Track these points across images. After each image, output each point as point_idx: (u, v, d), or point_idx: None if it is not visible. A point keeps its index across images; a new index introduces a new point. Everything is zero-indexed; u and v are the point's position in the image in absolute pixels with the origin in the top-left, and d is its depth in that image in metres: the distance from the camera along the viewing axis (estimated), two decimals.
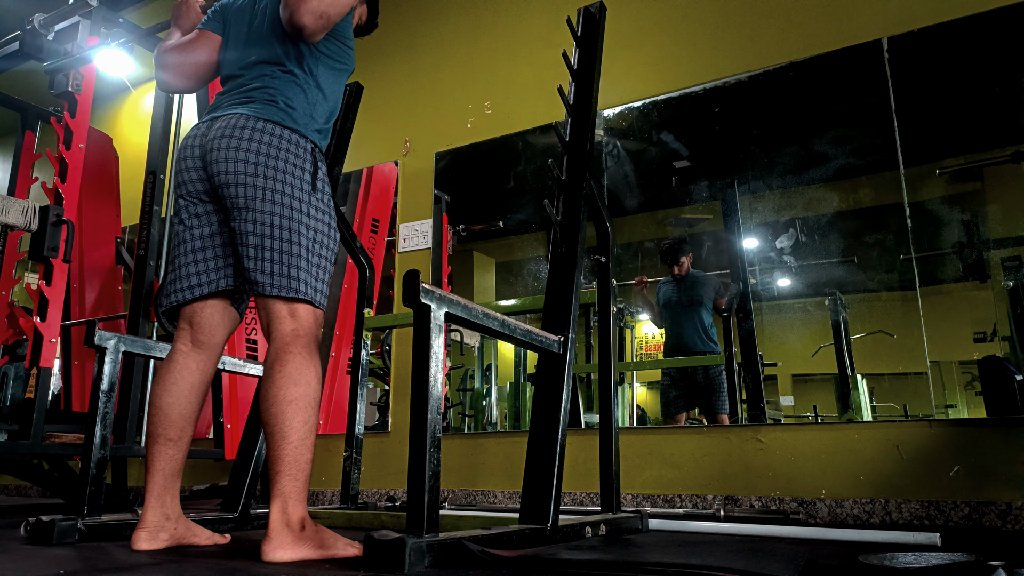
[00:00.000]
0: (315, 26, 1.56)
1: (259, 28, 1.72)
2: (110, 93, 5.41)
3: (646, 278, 3.27)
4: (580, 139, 2.10)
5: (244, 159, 1.55)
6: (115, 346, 1.93)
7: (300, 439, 1.45)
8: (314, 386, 1.49)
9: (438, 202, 3.71)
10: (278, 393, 1.46)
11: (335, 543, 1.46)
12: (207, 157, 1.60)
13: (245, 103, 1.63)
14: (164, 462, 1.61)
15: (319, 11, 1.55)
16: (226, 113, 1.63)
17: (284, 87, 1.65)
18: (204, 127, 1.65)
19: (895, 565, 1.31)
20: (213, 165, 1.58)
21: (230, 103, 1.66)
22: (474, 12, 3.85)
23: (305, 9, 1.54)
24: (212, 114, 1.67)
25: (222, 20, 1.81)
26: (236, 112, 1.61)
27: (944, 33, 2.62)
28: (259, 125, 1.58)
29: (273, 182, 1.55)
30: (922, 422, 2.41)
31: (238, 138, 1.57)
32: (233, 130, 1.58)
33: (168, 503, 1.62)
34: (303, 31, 1.56)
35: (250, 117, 1.59)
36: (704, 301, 3.11)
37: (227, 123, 1.60)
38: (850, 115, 2.76)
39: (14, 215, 2.90)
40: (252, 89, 1.66)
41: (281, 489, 1.44)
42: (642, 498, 2.77)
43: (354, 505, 2.59)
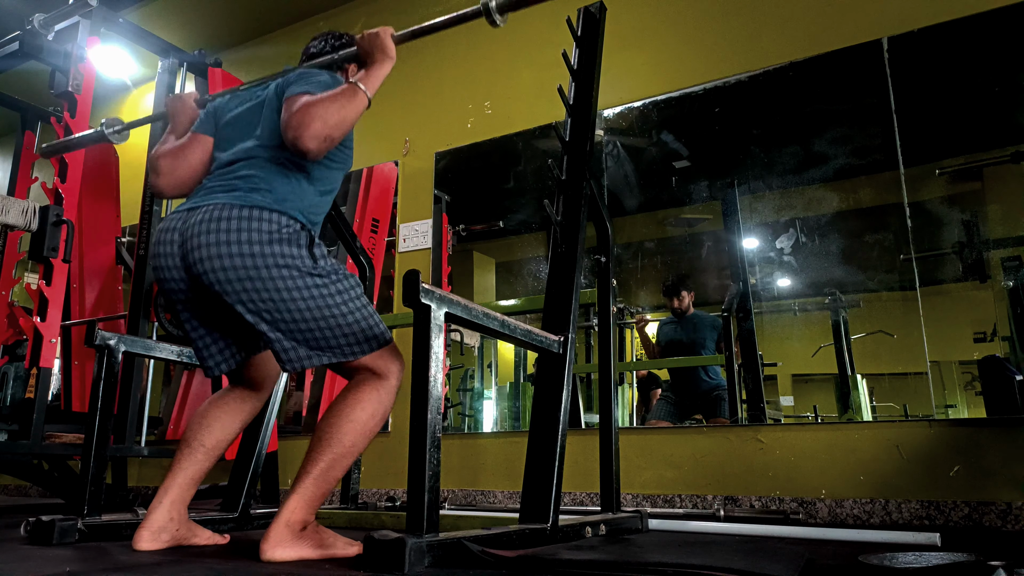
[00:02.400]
0: (319, 149, 1.49)
1: (253, 127, 1.66)
2: (110, 93, 5.40)
3: (645, 316, 3.25)
4: (580, 139, 2.10)
5: (231, 257, 1.45)
6: (115, 346, 1.93)
7: (341, 455, 1.47)
8: (377, 420, 1.52)
9: (438, 202, 3.71)
10: (344, 409, 1.49)
11: (335, 543, 1.47)
12: (189, 256, 1.50)
13: (227, 191, 1.54)
14: (192, 466, 1.66)
15: (323, 135, 1.48)
16: (205, 203, 1.52)
17: (271, 177, 1.56)
18: (179, 219, 1.55)
19: (895, 565, 1.31)
20: (197, 265, 1.48)
21: (209, 191, 1.57)
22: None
23: (309, 134, 1.46)
24: (191, 203, 1.57)
25: (214, 122, 1.75)
26: (216, 202, 1.51)
27: (944, 33, 2.62)
28: (243, 213, 1.48)
29: (277, 269, 1.46)
30: (922, 422, 2.41)
31: (225, 231, 1.46)
32: (216, 223, 1.47)
33: (177, 506, 1.64)
34: (307, 155, 1.49)
35: (232, 206, 1.49)
36: (707, 343, 3.07)
37: (207, 215, 1.49)
38: (850, 115, 2.76)
39: (14, 215, 2.90)
40: (236, 178, 1.57)
41: (304, 489, 1.45)
42: (642, 498, 2.77)
43: (354, 505, 2.59)
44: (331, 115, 1.49)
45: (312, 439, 1.49)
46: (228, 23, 4.62)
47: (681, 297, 3.13)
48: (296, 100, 1.52)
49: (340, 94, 1.54)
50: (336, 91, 1.55)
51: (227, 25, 4.64)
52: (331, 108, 1.50)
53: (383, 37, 1.72)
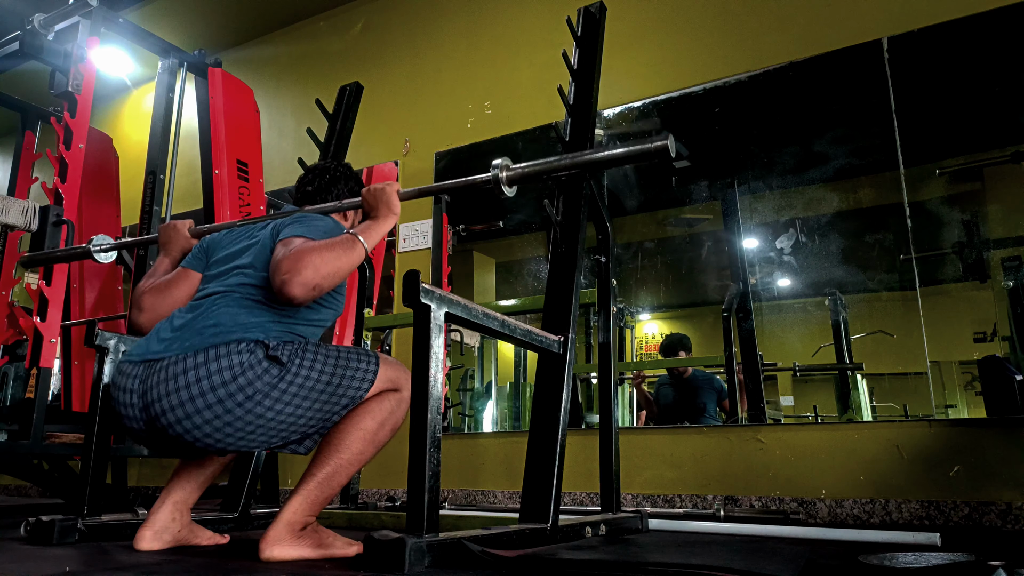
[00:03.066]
0: (306, 298, 1.40)
1: (242, 263, 1.58)
2: (110, 93, 5.40)
3: (644, 373, 3.21)
4: (580, 139, 2.10)
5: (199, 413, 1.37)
6: (115, 346, 1.93)
7: (349, 462, 1.47)
8: (386, 430, 1.52)
9: (438, 202, 3.71)
10: (353, 418, 1.49)
11: (334, 542, 1.47)
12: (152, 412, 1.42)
13: (180, 340, 1.44)
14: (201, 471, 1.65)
15: (312, 283, 1.39)
16: (165, 356, 1.43)
17: (245, 307, 1.48)
18: (137, 379, 1.45)
19: (895, 565, 1.31)
20: (169, 429, 1.41)
21: (169, 342, 1.46)
22: (474, 12, 3.85)
23: (299, 281, 1.38)
24: (153, 350, 1.46)
25: (205, 257, 1.69)
26: (172, 354, 1.42)
27: (944, 33, 2.62)
28: (199, 359, 1.39)
29: (245, 410, 1.38)
30: (922, 422, 2.41)
31: (181, 387, 1.38)
32: (170, 382, 1.39)
33: (181, 507, 1.64)
34: (292, 301, 1.40)
35: (187, 356, 1.40)
36: (707, 407, 2.99)
37: (165, 375, 1.40)
38: (850, 115, 2.76)
39: (14, 215, 2.90)
40: (203, 312, 1.48)
41: (308, 492, 1.44)
42: (642, 498, 2.77)
43: (354, 505, 2.59)
44: (325, 265, 1.41)
45: (321, 443, 1.49)
46: (228, 23, 4.62)
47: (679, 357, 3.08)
48: (291, 242, 1.45)
49: (338, 244, 1.47)
50: (334, 240, 1.48)
51: (227, 25, 4.64)
52: (327, 257, 1.43)
53: (390, 193, 1.66)
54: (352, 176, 1.89)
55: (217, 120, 3.44)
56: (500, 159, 1.70)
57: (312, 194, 1.83)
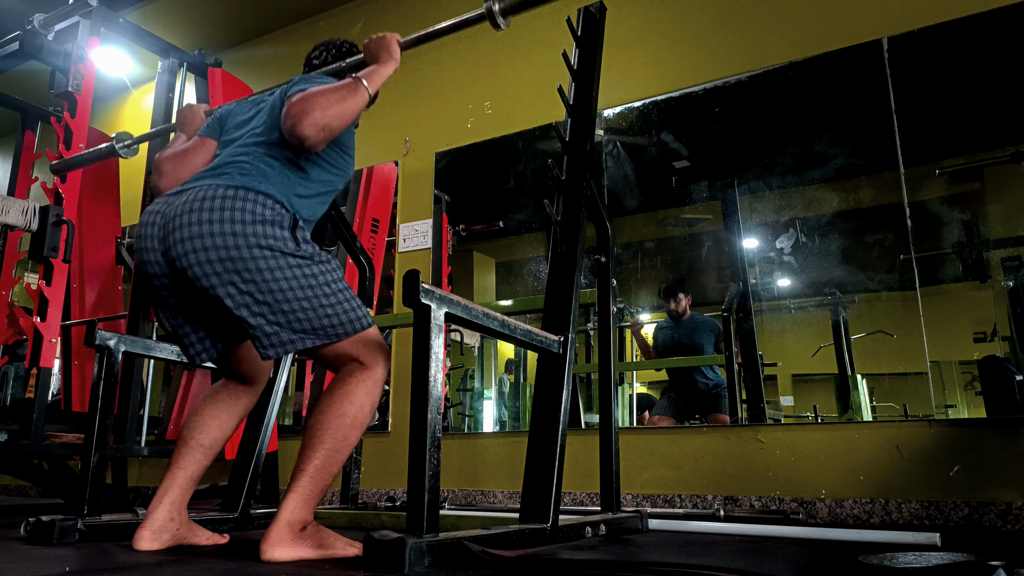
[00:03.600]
0: (317, 139, 1.48)
1: (254, 128, 1.66)
2: (110, 93, 5.40)
3: (640, 320, 3.23)
4: (580, 139, 2.10)
5: (211, 236, 1.42)
6: (115, 346, 1.93)
7: (334, 451, 1.47)
8: (366, 412, 1.52)
9: (438, 202, 3.71)
10: (332, 404, 1.49)
11: (335, 543, 1.47)
12: (168, 239, 1.48)
13: (215, 176, 1.53)
14: (188, 463, 1.66)
15: (322, 123, 1.48)
16: (191, 187, 1.52)
17: (263, 165, 1.55)
18: (164, 203, 1.54)
19: (895, 565, 1.31)
20: (176, 247, 1.46)
21: (199, 177, 1.56)
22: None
23: (308, 122, 1.46)
24: (178, 188, 1.56)
25: (220, 126, 1.78)
26: (201, 184, 1.51)
27: (944, 33, 2.62)
28: (228, 192, 1.46)
29: (255, 249, 1.43)
30: (922, 422, 2.41)
31: (203, 209, 1.44)
32: (194, 203, 1.46)
33: (177, 506, 1.64)
34: (303, 143, 1.48)
35: (217, 187, 1.48)
36: (704, 347, 3.04)
37: (190, 196, 1.48)
38: (850, 115, 2.76)
39: (14, 215, 2.90)
40: (227, 164, 1.56)
41: (301, 487, 1.45)
42: (642, 498, 2.77)
43: (354, 505, 2.59)
44: (331, 105, 1.49)
45: (304, 436, 1.48)
46: (228, 23, 4.62)
47: (678, 300, 3.11)
48: (296, 94, 1.53)
49: (342, 86, 1.56)
50: (338, 84, 1.57)
51: (227, 25, 4.64)
52: (331, 98, 1.50)
53: (389, 40, 1.75)
54: (358, 52, 1.95)
55: None
56: None
57: (318, 66, 1.93)
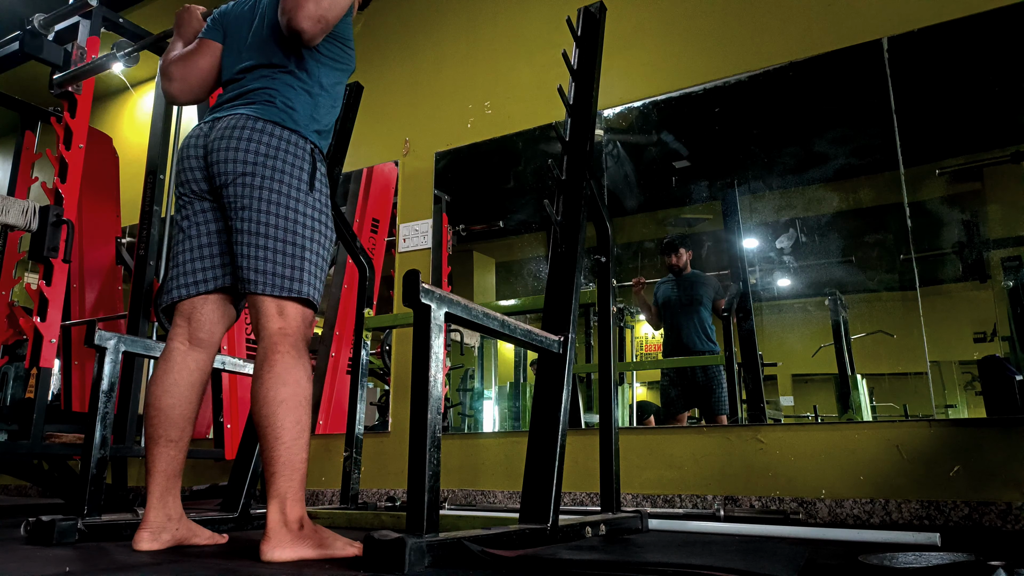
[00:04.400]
0: (313, 31, 1.55)
1: (258, 32, 1.73)
2: (110, 93, 5.40)
3: (644, 279, 3.26)
4: (580, 139, 2.10)
5: (243, 159, 1.57)
6: (115, 346, 1.93)
7: (292, 439, 1.45)
8: (304, 385, 1.49)
9: (438, 202, 3.71)
10: (267, 394, 1.46)
11: (334, 543, 1.46)
12: (209, 157, 1.62)
13: (246, 104, 1.65)
14: (165, 463, 1.61)
15: (316, 15, 1.54)
16: (227, 114, 1.64)
17: (283, 88, 1.65)
18: (207, 127, 1.66)
19: (895, 565, 1.31)
20: (214, 166, 1.60)
21: (231, 104, 1.68)
22: (474, 12, 3.85)
23: (303, 14, 1.53)
24: (214, 114, 1.68)
25: (222, 28, 1.82)
26: (237, 112, 1.63)
27: (944, 33, 2.62)
28: (259, 125, 1.59)
29: (271, 181, 1.56)
30: (922, 422, 2.41)
31: (238, 138, 1.58)
32: (233, 130, 1.60)
33: (170, 504, 1.62)
34: (301, 35, 1.55)
35: (250, 117, 1.61)
36: (704, 301, 3.09)
37: (228, 123, 1.62)
38: (850, 115, 2.76)
39: (14, 215, 2.90)
40: (252, 91, 1.67)
41: (277, 490, 1.44)
42: (642, 498, 2.77)
43: (354, 505, 2.59)
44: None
45: (258, 433, 1.46)
46: None
47: (679, 254, 3.14)
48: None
49: None
50: None
51: None
52: None
53: None
54: None
55: None
56: None
57: None
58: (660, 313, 3.22)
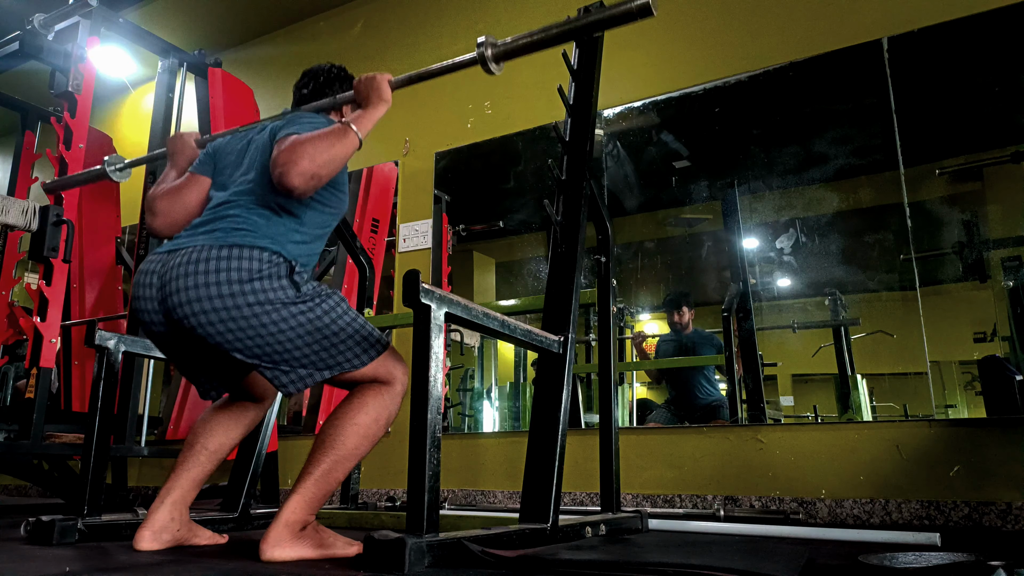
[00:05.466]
0: (305, 188, 1.44)
1: (247, 170, 1.64)
2: (110, 93, 5.40)
3: (645, 332, 3.23)
4: (580, 139, 2.10)
5: (210, 300, 1.42)
6: (115, 346, 1.93)
7: (344, 458, 1.48)
8: (380, 424, 1.54)
9: (438, 202, 3.71)
10: (347, 414, 1.51)
11: (335, 543, 1.47)
12: (168, 301, 1.47)
13: (208, 233, 1.51)
14: (194, 468, 1.67)
15: (310, 172, 1.43)
16: (185, 246, 1.50)
17: (255, 217, 1.53)
18: (159, 262, 1.52)
19: (895, 565, 1.31)
20: (177, 310, 1.45)
21: (191, 233, 1.54)
22: (474, 12, 3.85)
23: (296, 171, 1.41)
24: (172, 244, 1.54)
25: (212, 162, 1.74)
26: (194, 244, 1.49)
27: (944, 33, 2.62)
28: (222, 252, 1.45)
29: (252, 312, 1.42)
30: (922, 422, 2.41)
31: (199, 272, 1.43)
32: (189, 265, 1.45)
33: (179, 507, 1.65)
34: (292, 192, 1.44)
35: (211, 247, 1.46)
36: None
37: (185, 258, 1.47)
38: (850, 115, 2.76)
39: (14, 215, 2.90)
40: (220, 219, 1.54)
41: (305, 490, 1.46)
42: (642, 498, 2.77)
43: (354, 505, 2.59)
44: (319, 153, 1.44)
45: (315, 441, 1.50)
46: (228, 23, 4.62)
47: (682, 312, 3.10)
48: (286, 139, 1.49)
49: (330, 132, 1.50)
50: (327, 130, 1.51)
51: (227, 25, 4.64)
52: (320, 146, 1.45)
53: (380, 81, 1.71)
54: (347, 78, 1.92)
55: (217, 120, 3.45)
56: (484, 37, 1.72)
57: (307, 97, 1.88)
58: (661, 371, 3.18)
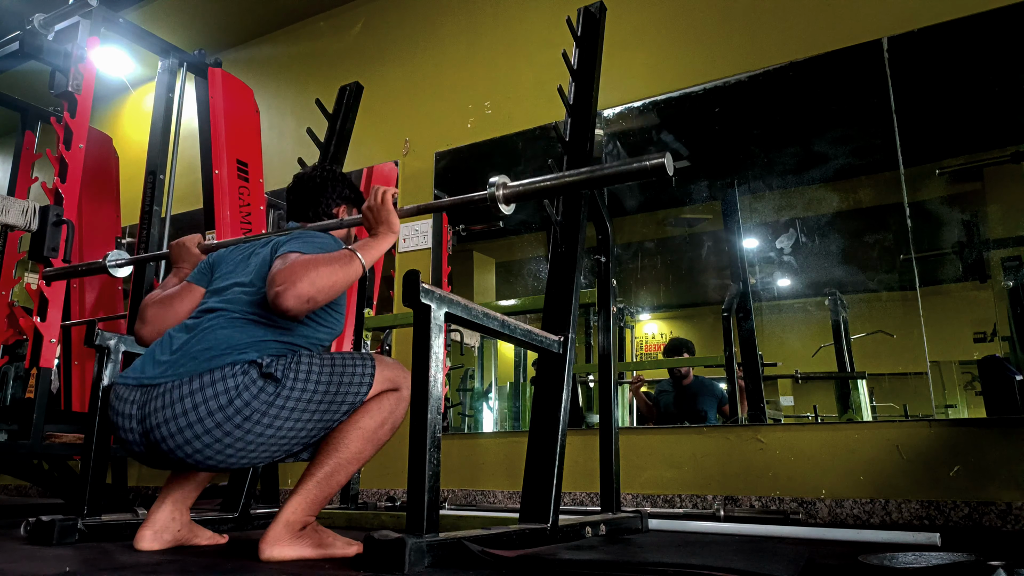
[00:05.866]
0: (299, 311, 1.39)
1: (243, 279, 1.59)
2: (110, 93, 5.40)
3: (644, 377, 3.18)
4: (580, 139, 2.10)
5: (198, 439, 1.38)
6: (115, 346, 1.93)
7: (347, 461, 1.48)
8: (386, 429, 1.53)
9: None
10: (352, 417, 1.50)
11: (334, 542, 1.47)
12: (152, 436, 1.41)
13: (189, 358, 1.44)
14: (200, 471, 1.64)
15: (307, 296, 1.38)
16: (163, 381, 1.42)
17: (240, 326, 1.48)
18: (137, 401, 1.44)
19: (895, 565, 1.31)
20: (171, 453, 1.41)
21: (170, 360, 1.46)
22: (474, 12, 3.85)
23: (293, 293, 1.37)
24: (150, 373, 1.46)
25: (210, 272, 1.71)
26: (171, 380, 1.42)
27: (944, 33, 2.62)
28: (195, 385, 1.39)
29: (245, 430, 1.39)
30: (922, 422, 2.41)
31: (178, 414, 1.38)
32: (168, 409, 1.39)
33: (179, 507, 1.64)
34: (286, 314, 1.39)
35: (184, 381, 1.40)
36: (708, 413, 2.96)
37: (164, 401, 1.40)
38: (850, 115, 2.76)
39: (14, 215, 2.90)
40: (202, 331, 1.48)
41: (306, 492, 1.45)
42: (642, 498, 2.77)
43: (354, 505, 2.59)
44: (321, 278, 1.40)
45: (320, 443, 1.50)
46: (228, 23, 4.62)
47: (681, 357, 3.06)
48: (288, 256, 1.46)
49: (336, 259, 1.46)
50: (333, 254, 1.48)
51: (227, 25, 4.64)
52: (323, 271, 1.41)
53: (389, 211, 1.62)
54: (338, 179, 1.86)
55: (217, 120, 3.44)
56: (497, 177, 1.69)
57: (301, 206, 1.83)
58: (660, 419, 3.09)
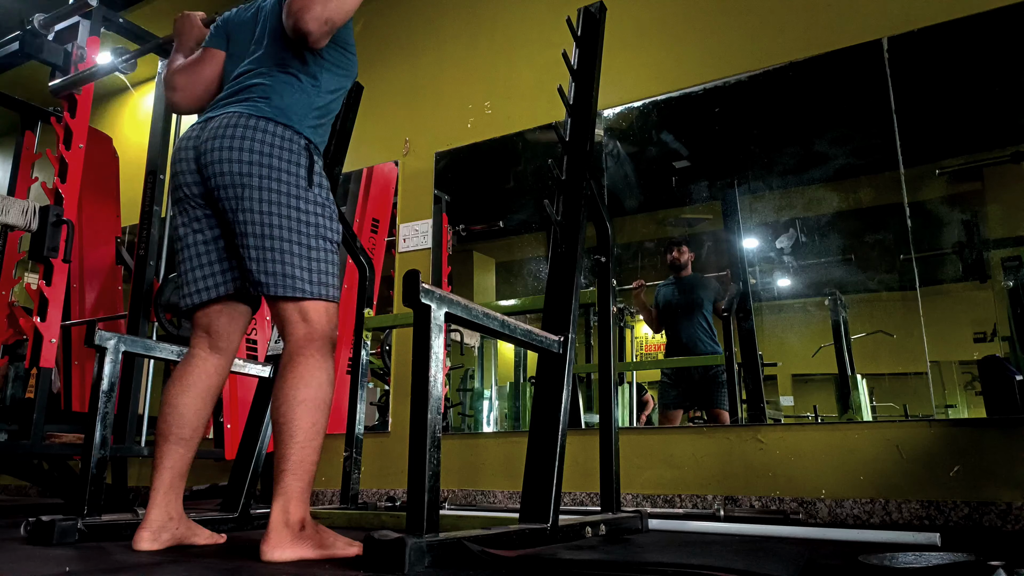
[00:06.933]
0: (319, 32, 1.53)
1: (260, 38, 1.72)
2: (110, 93, 5.40)
3: (644, 281, 3.26)
4: (580, 139, 2.10)
5: (238, 159, 1.54)
6: (115, 346, 1.93)
7: (307, 440, 1.46)
8: (325, 389, 1.51)
9: (438, 202, 3.71)
10: (289, 393, 1.48)
11: (335, 543, 1.46)
12: (201, 159, 1.58)
13: (239, 102, 1.62)
14: (174, 460, 1.62)
15: (323, 17, 1.52)
16: (219, 113, 1.61)
17: (280, 87, 1.63)
18: (198, 128, 1.64)
19: (895, 565, 1.31)
20: (208, 167, 1.57)
21: (224, 103, 1.65)
22: (474, 12, 3.85)
23: (310, 16, 1.51)
24: (207, 114, 1.65)
25: (225, 35, 1.81)
26: (229, 111, 1.60)
27: (944, 33, 2.62)
28: (251, 122, 1.56)
29: (268, 181, 1.54)
30: (922, 422, 2.41)
31: (231, 136, 1.55)
32: (226, 129, 1.56)
33: (172, 503, 1.62)
34: (307, 38, 1.53)
35: (242, 115, 1.58)
36: (704, 303, 3.09)
37: (220, 123, 1.58)
38: (850, 115, 2.76)
39: (14, 215, 2.90)
40: (247, 87, 1.65)
41: (285, 488, 1.44)
42: (642, 498, 2.77)
43: (354, 505, 2.59)
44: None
45: (273, 431, 1.48)
46: None
47: (681, 250, 3.14)
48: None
49: None
50: None
51: None
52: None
53: None
54: None
55: None
56: None
57: None
58: (660, 317, 3.22)
